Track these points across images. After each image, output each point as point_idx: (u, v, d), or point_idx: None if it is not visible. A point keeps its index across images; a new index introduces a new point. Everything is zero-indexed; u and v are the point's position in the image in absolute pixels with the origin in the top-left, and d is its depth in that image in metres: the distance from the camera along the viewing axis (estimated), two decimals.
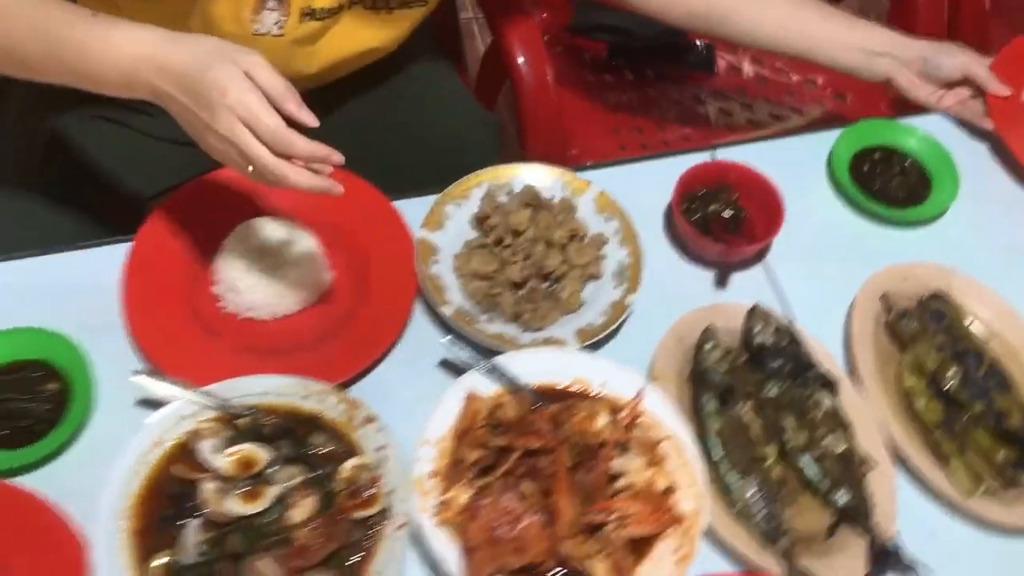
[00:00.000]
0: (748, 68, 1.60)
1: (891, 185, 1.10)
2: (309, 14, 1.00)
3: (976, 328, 0.98)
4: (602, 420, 0.84)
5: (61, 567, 0.77)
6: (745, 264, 1.03)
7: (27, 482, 0.82)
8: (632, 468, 0.83)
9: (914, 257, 1.04)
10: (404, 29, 1.09)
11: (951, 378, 0.92)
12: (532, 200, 1.00)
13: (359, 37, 1.06)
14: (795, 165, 1.11)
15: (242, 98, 0.76)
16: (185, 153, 1.18)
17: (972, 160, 1.14)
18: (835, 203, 1.10)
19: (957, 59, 1.11)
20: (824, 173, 1.13)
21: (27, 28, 0.84)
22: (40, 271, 0.96)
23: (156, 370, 0.86)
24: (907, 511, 0.87)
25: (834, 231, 1.08)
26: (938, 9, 1.49)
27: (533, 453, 0.83)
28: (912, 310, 0.98)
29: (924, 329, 0.96)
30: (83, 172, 1.11)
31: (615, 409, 0.86)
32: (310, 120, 0.78)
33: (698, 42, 1.58)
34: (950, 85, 1.14)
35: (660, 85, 1.56)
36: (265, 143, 0.76)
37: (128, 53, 0.81)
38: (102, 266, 0.95)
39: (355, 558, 0.78)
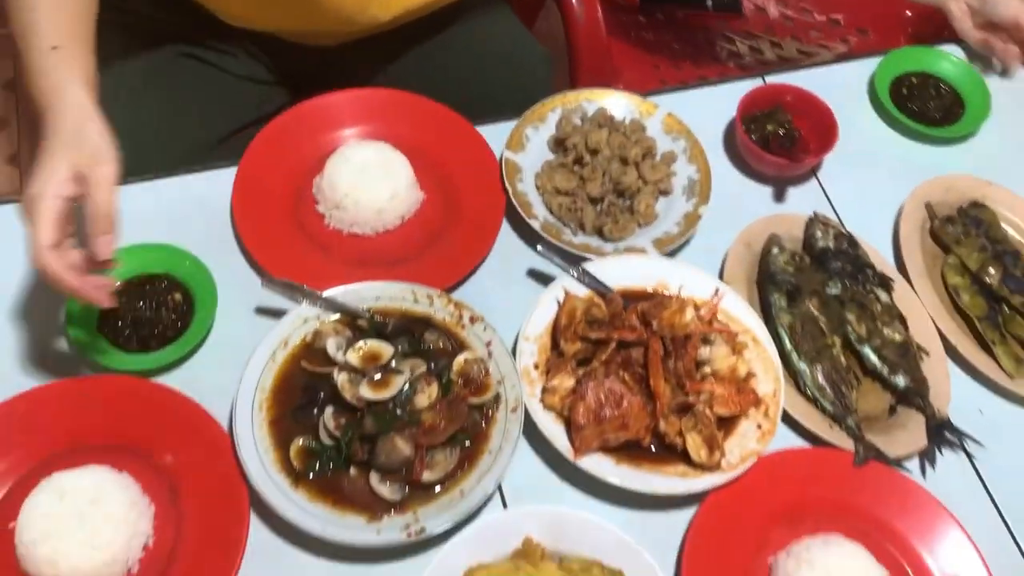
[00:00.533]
0: (773, 9, 1.67)
1: (928, 106, 1.19)
2: None
3: (1012, 232, 1.08)
4: (688, 314, 0.93)
5: (216, 456, 0.86)
6: (800, 179, 1.12)
7: (163, 382, 0.90)
8: (717, 356, 0.92)
9: (952, 171, 1.13)
10: None
11: (992, 275, 1.02)
12: (605, 122, 1.08)
13: None
14: (840, 89, 1.19)
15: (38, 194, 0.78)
16: (261, 90, 1.26)
17: (1002, 82, 1.23)
18: (877, 123, 1.19)
19: (1012, 6, 1.19)
20: (866, 97, 1.21)
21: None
22: (157, 192, 1.03)
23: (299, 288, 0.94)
24: (958, 393, 0.97)
25: (877, 149, 1.17)
26: None
27: (627, 345, 0.92)
28: (954, 217, 1.07)
29: (966, 233, 1.05)
30: (175, 105, 1.18)
31: (696, 307, 0.95)
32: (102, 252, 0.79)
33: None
34: (997, 28, 1.21)
35: (692, 28, 1.64)
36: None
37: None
38: (212, 189, 1.03)
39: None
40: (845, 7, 1.35)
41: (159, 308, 0.94)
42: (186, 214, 1.01)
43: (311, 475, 0.85)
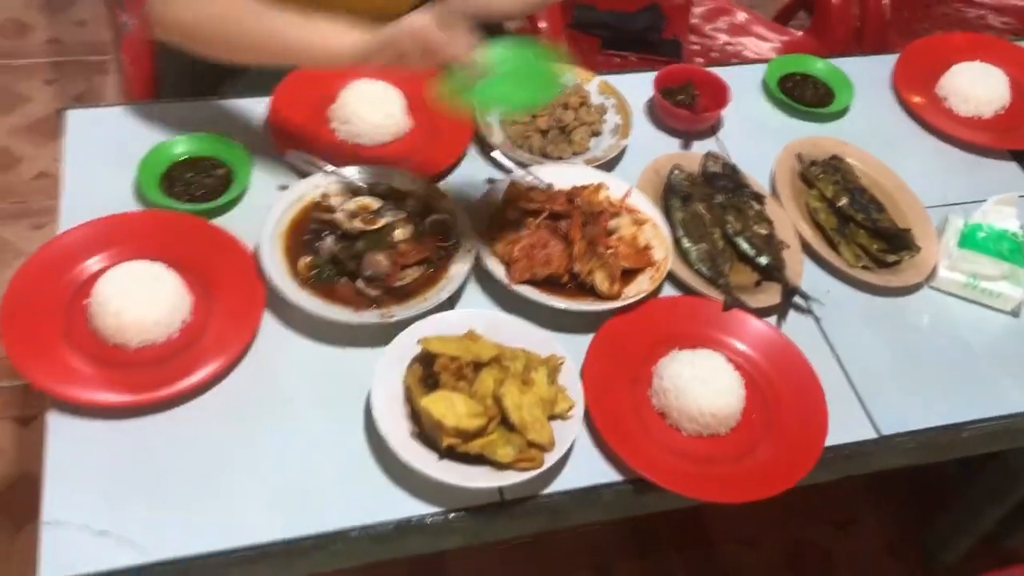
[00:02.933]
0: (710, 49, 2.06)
1: (806, 94, 1.53)
2: None
3: (862, 177, 1.40)
4: (602, 194, 1.24)
5: (241, 269, 1.15)
6: (702, 135, 1.45)
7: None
8: (623, 225, 1.23)
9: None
10: None
11: (843, 201, 1.34)
12: None
13: None
14: (740, 81, 1.54)
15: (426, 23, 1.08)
16: None
17: (861, 80, 1.57)
18: (768, 107, 1.53)
19: None
20: (761, 92, 1.56)
21: (265, 35, 1.16)
22: (220, 106, 1.37)
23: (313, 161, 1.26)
24: (810, 279, 1.27)
25: (766, 123, 1.50)
26: (848, 22, 1.96)
27: (556, 217, 1.23)
28: (818, 162, 1.39)
29: (825, 173, 1.37)
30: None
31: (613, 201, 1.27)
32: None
33: (672, 36, 2.05)
34: None
35: (641, 67, 2.01)
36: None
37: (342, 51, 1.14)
38: (257, 110, 1.36)
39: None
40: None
41: (207, 177, 1.26)
42: (239, 123, 1.34)
43: (312, 282, 1.14)
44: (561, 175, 1.30)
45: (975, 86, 1.53)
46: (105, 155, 1.28)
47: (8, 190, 2.18)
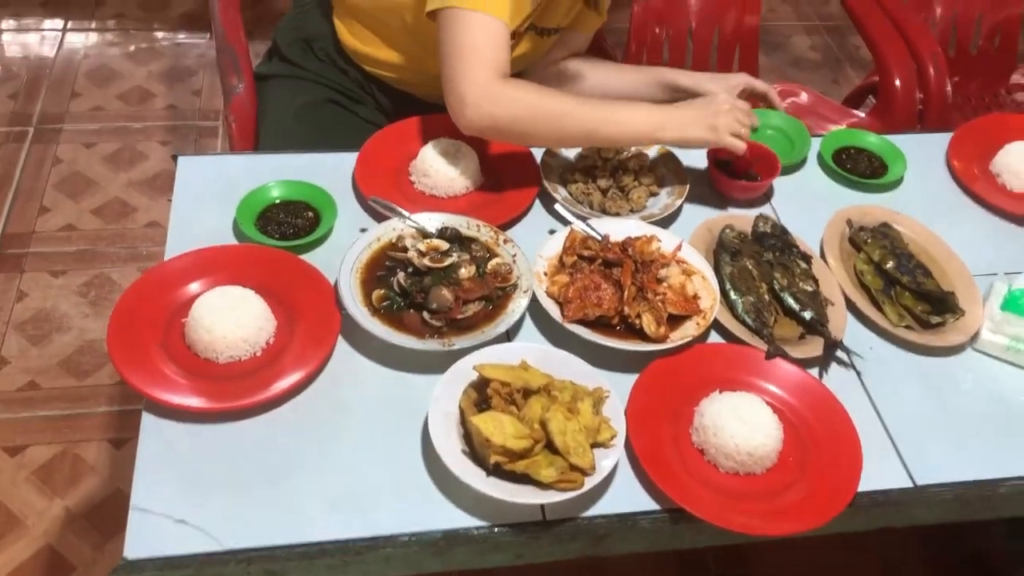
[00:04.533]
0: None
1: (860, 167, 1.60)
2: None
3: (910, 244, 1.46)
4: (654, 244, 1.33)
5: (322, 299, 1.27)
6: (756, 203, 1.53)
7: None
8: (672, 274, 1.31)
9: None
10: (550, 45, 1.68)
11: (890, 264, 1.39)
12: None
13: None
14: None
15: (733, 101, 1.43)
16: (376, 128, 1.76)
17: (914, 154, 1.64)
18: (823, 178, 1.61)
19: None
20: (816, 164, 1.64)
21: (584, 120, 1.38)
22: (313, 159, 1.53)
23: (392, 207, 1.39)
24: (853, 336, 1.33)
25: (820, 193, 1.57)
26: (910, 104, 2.04)
27: (609, 265, 1.32)
28: (867, 228, 1.46)
29: (874, 239, 1.44)
30: (320, 130, 1.69)
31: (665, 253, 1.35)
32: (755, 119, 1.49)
33: None
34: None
35: None
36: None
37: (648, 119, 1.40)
38: (345, 162, 1.50)
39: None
40: None
41: (297, 218, 1.40)
42: (329, 173, 1.48)
43: (383, 311, 1.25)
44: (617, 228, 1.39)
45: None
46: (209, 196, 1.43)
47: (121, 236, 2.39)
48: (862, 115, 2.13)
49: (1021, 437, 1.23)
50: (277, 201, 1.42)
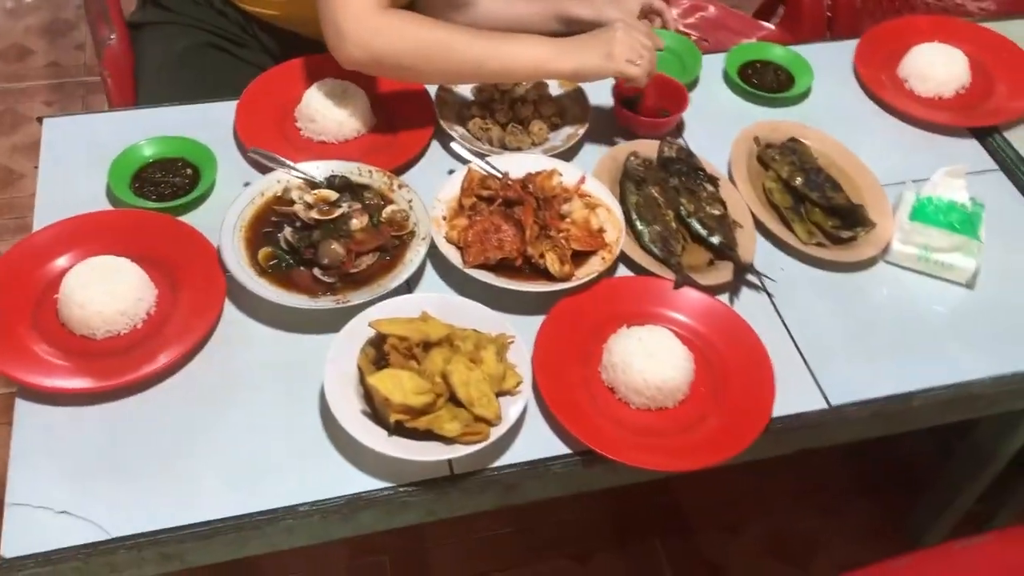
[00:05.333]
0: None
1: (767, 80, 1.56)
2: None
3: (819, 158, 1.42)
4: (555, 179, 1.27)
5: (205, 262, 1.19)
6: (666, 135, 1.47)
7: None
8: (575, 209, 1.26)
9: None
10: None
11: (798, 181, 1.36)
12: None
13: None
14: (704, 73, 1.57)
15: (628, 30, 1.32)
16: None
17: (821, 63, 1.59)
18: (730, 96, 1.56)
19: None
20: (723, 81, 1.58)
21: (468, 53, 1.28)
22: (189, 111, 1.43)
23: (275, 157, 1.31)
24: (764, 257, 1.29)
25: (728, 111, 1.52)
26: (819, 12, 1.99)
27: (510, 204, 1.26)
28: (775, 145, 1.42)
29: (782, 155, 1.40)
30: (201, 77, 1.58)
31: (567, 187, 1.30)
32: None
33: None
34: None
35: None
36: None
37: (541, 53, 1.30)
38: (225, 112, 1.41)
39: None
40: None
41: (175, 177, 1.31)
42: (208, 126, 1.39)
43: (271, 271, 1.18)
44: (519, 164, 1.33)
45: (935, 67, 1.54)
46: (79, 160, 1.33)
47: (8, 206, 2.26)
48: (771, 27, 2.07)
49: (932, 348, 1.21)
50: (152, 160, 1.32)
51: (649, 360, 1.11)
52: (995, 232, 1.34)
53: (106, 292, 1.12)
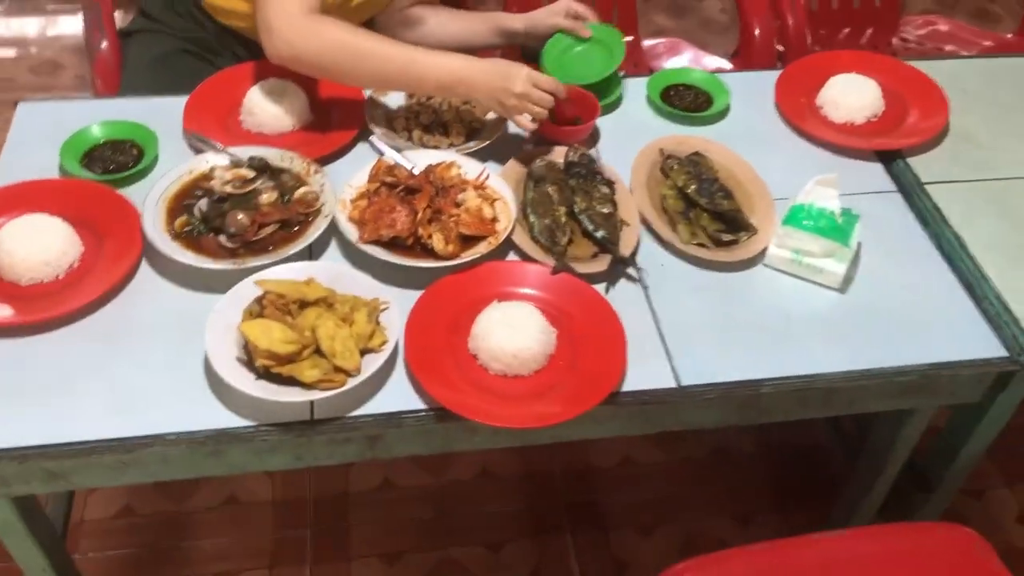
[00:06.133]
0: None
1: (686, 102, 1.66)
2: None
3: (720, 171, 1.50)
4: (454, 170, 1.39)
5: (128, 226, 1.33)
6: (584, 145, 1.57)
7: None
8: (468, 198, 1.37)
9: None
10: None
11: (692, 188, 1.44)
12: None
13: None
14: (631, 94, 1.68)
15: (527, 83, 1.39)
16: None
17: (752, 91, 1.69)
18: (651, 115, 1.66)
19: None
20: (646, 102, 1.69)
21: (387, 64, 1.39)
22: (154, 104, 1.59)
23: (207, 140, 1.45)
24: (648, 255, 1.38)
25: (647, 129, 1.62)
26: (769, 49, 2.09)
27: (412, 192, 1.37)
28: (675, 157, 1.51)
29: (680, 166, 1.49)
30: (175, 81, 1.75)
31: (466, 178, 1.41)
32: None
33: None
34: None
35: None
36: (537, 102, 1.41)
37: (452, 67, 1.40)
38: (179, 106, 1.56)
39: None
40: None
41: (122, 155, 1.46)
42: (163, 115, 1.54)
43: (184, 236, 1.31)
44: (429, 159, 1.45)
45: (847, 95, 1.63)
46: (41, 139, 1.49)
47: None
48: (728, 64, 2.17)
49: (793, 343, 1.27)
50: (103, 141, 1.48)
51: (508, 330, 1.20)
52: (881, 245, 1.41)
53: (33, 244, 1.26)
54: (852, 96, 1.63)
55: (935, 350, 1.27)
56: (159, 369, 1.19)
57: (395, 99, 1.59)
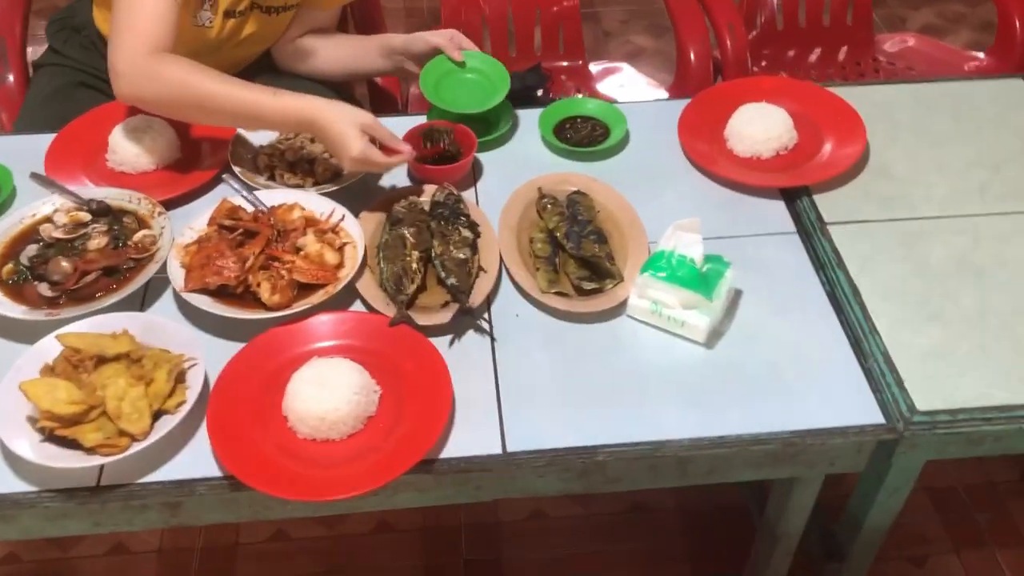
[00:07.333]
0: None
1: (581, 135, 1.55)
2: (229, 13, 1.58)
3: (601, 211, 1.39)
4: (296, 213, 1.31)
5: None
6: (464, 182, 1.48)
7: None
8: (308, 243, 1.28)
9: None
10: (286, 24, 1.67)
11: (561, 231, 1.34)
12: None
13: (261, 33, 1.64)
14: (528, 126, 1.58)
15: (363, 149, 1.30)
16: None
17: (657, 125, 1.57)
18: (546, 153, 1.55)
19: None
20: (539, 137, 1.58)
21: (230, 106, 1.33)
22: (26, 141, 1.55)
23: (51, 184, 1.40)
24: (509, 303, 1.28)
25: (535, 165, 1.51)
26: (704, 77, 1.97)
27: (252, 235, 1.30)
28: (549, 196, 1.40)
29: (553, 206, 1.38)
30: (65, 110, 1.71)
31: (316, 220, 1.33)
32: (404, 148, 1.38)
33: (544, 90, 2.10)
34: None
35: None
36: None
37: (295, 112, 1.33)
38: (34, 144, 1.52)
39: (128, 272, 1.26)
40: None
41: None
42: (35, 153, 1.50)
43: (10, 283, 1.25)
44: (281, 197, 1.37)
45: (753, 126, 1.50)
46: None
47: None
48: (663, 92, 2.06)
49: (644, 404, 1.16)
50: None
51: (318, 390, 1.11)
52: (767, 293, 1.29)
53: None
54: (758, 127, 1.50)
55: (804, 415, 1.14)
56: None
57: (261, 136, 1.52)
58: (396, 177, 1.48)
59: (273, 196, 1.38)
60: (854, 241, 1.36)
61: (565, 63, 2.24)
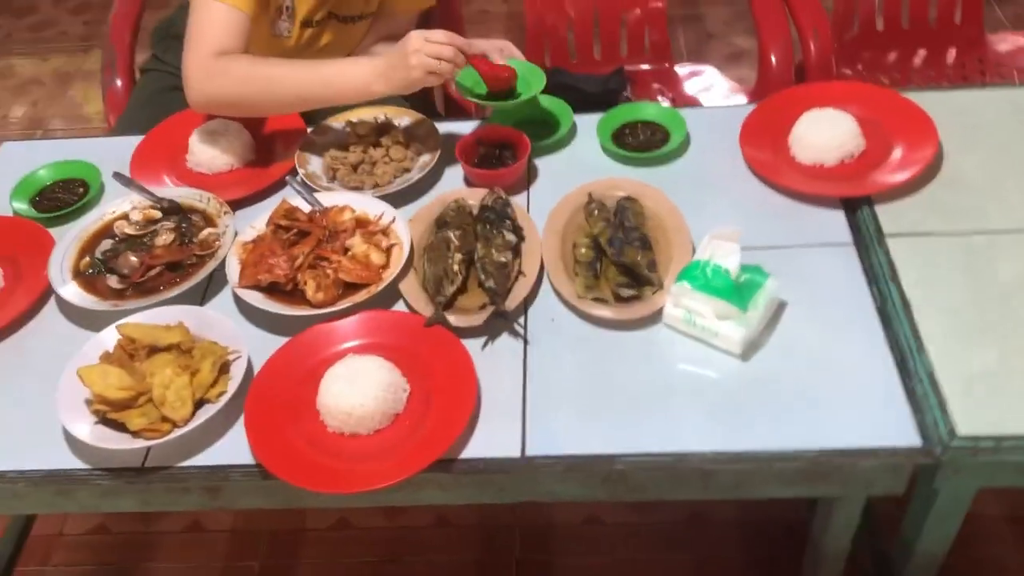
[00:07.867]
0: None
1: (639, 140, 1.54)
2: (306, 23, 1.66)
3: (651, 218, 1.38)
4: (346, 215, 1.36)
5: (39, 258, 1.39)
6: (518, 187, 1.50)
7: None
8: (355, 244, 1.33)
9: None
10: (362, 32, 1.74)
11: (606, 235, 1.33)
12: (382, 124, 1.57)
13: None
14: (586, 132, 1.58)
15: (419, 34, 1.36)
16: None
17: (719, 130, 1.54)
18: (603, 159, 1.54)
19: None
20: (597, 143, 1.57)
21: (293, 80, 1.42)
22: (103, 142, 1.66)
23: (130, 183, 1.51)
24: (543, 307, 1.29)
25: (591, 170, 1.51)
26: (787, 79, 1.91)
27: (304, 235, 1.35)
28: (598, 202, 1.40)
29: (600, 212, 1.38)
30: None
31: (367, 221, 1.38)
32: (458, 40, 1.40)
33: (626, 94, 2.09)
34: None
35: None
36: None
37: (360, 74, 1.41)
38: (126, 145, 1.63)
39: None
40: None
41: (70, 194, 1.54)
42: (112, 155, 1.62)
43: (85, 275, 1.36)
44: (345, 200, 1.42)
45: (818, 132, 1.45)
46: (10, 177, 1.60)
47: None
48: (742, 95, 2.01)
49: (670, 414, 1.14)
50: (49, 182, 1.56)
51: (348, 385, 1.15)
52: (813, 305, 1.25)
53: None
54: (822, 134, 1.45)
55: (836, 433, 1.10)
56: (32, 406, 1.23)
57: (329, 139, 1.58)
58: (450, 181, 1.51)
59: (332, 198, 1.43)
60: (913, 254, 1.30)
61: (650, 66, 2.23)
